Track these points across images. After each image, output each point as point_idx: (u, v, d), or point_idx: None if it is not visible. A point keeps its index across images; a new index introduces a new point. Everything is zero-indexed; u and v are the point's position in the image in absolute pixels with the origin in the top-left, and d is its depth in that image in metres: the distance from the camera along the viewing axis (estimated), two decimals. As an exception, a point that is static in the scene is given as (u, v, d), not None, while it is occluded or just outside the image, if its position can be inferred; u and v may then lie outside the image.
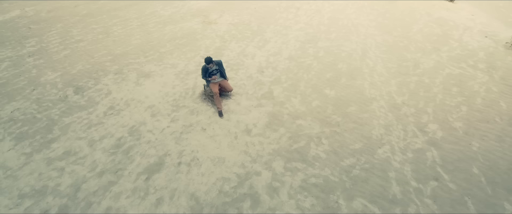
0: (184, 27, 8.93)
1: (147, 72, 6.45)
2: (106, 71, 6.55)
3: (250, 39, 8.05)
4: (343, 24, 9.11)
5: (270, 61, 6.88)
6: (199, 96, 5.59)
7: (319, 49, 7.49)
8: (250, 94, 5.66)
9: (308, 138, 4.64)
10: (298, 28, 8.75)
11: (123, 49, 7.58)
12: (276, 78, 6.20)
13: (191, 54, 7.23)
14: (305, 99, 5.54)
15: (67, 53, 7.47)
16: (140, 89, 5.86)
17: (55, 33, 8.76)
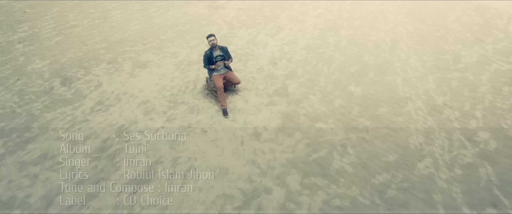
0: (189, 12, 8.16)
1: (144, 62, 5.76)
2: (98, 60, 5.90)
3: (261, 25, 7.22)
4: (368, 10, 8.13)
5: (284, 51, 6.06)
6: (200, 90, 4.86)
7: (341, 38, 6.59)
8: (261, 89, 4.89)
9: (330, 146, 3.86)
10: (316, 14, 7.84)
11: (120, 35, 6.91)
12: (291, 71, 5.39)
13: (194, 42, 6.48)
14: (325, 97, 4.73)
15: (59, 40, 6.87)
16: (134, 82, 5.18)
17: (49, 18, 8.17)
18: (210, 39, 4.32)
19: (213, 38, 4.34)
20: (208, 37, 4.33)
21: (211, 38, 4.32)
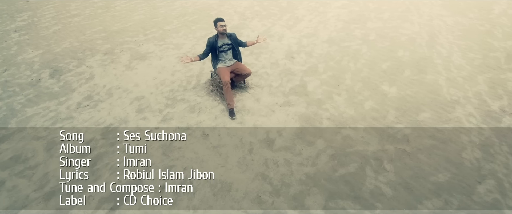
0: (197, 2, 7.56)
1: (143, 53, 5.17)
2: (94, 51, 5.36)
3: (277, 16, 6.52)
4: (397, 1, 7.27)
5: (302, 44, 5.33)
6: (204, 86, 4.21)
7: (369, 30, 5.80)
8: (275, 87, 4.18)
9: (361, 159, 3.10)
10: (339, 5, 7.06)
11: (121, 25, 6.38)
12: (311, 66, 4.66)
13: (201, 33, 5.85)
14: (353, 98, 3.97)
15: (57, 29, 6.41)
16: (130, 75, 4.59)
17: (51, 7, 7.78)
18: (220, 24, 3.63)
19: (224, 23, 3.65)
20: (216, 21, 3.65)
21: (221, 23, 3.63)
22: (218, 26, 3.64)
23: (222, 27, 3.63)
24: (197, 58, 3.70)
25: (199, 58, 3.72)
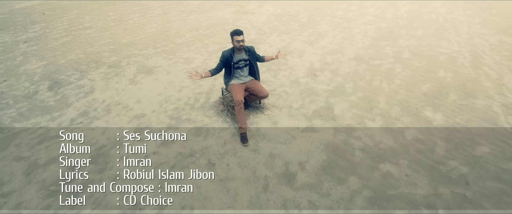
0: (213, 17, 7.29)
1: (150, 67, 4.79)
2: (100, 63, 5.05)
3: (297, 32, 6.09)
4: (430, 18, 6.71)
5: (326, 61, 4.80)
6: (214, 105, 3.71)
7: (401, 48, 5.22)
8: (295, 108, 3.62)
9: (409, 205, 2.43)
10: (365, 22, 6.58)
11: (131, 38, 6.12)
12: (337, 86, 4.09)
13: (214, 47, 5.47)
14: (391, 125, 3.33)
15: (66, 41, 6.23)
16: (134, 90, 4.17)
17: (65, 20, 7.73)
18: (237, 38, 3.12)
19: (241, 37, 3.13)
20: (233, 34, 3.15)
21: (237, 37, 3.12)
22: (234, 40, 3.16)
23: (239, 42, 3.14)
24: (208, 73, 3.23)
25: (211, 73, 3.24)
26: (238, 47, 3.16)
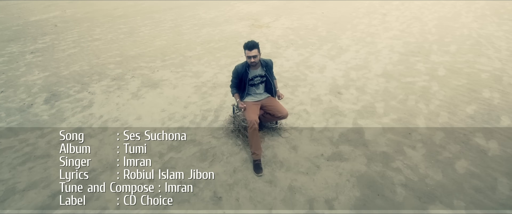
0: (226, 30, 7.01)
1: (156, 81, 4.43)
2: (103, 75, 4.74)
3: (316, 46, 5.67)
4: (462, 34, 6.18)
5: (351, 77, 4.32)
6: (223, 125, 3.25)
7: (435, 65, 4.69)
8: (318, 130, 3.12)
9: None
10: (390, 36, 6.11)
11: (140, 50, 5.86)
12: (365, 105, 3.58)
13: (226, 61, 5.10)
14: (436, 154, 2.77)
15: (73, 52, 6.03)
16: (135, 105, 3.79)
17: (76, 32, 7.64)
18: (250, 53, 2.64)
19: (256, 52, 2.65)
20: (247, 47, 2.66)
21: (252, 52, 2.64)
22: (246, 55, 2.69)
23: (250, 58, 2.66)
24: (238, 96, 2.87)
25: (239, 96, 2.88)
26: (253, 63, 2.70)
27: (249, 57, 2.67)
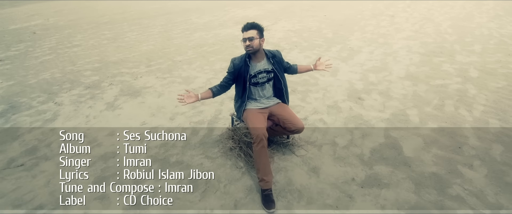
0: (220, 34, 6.42)
1: (138, 88, 3.75)
2: (76, 83, 4.05)
3: (324, 47, 5.08)
4: (482, 33, 5.67)
5: (370, 80, 3.69)
6: (218, 140, 2.56)
7: (463, 65, 4.10)
8: (342, 146, 2.43)
9: None
10: (404, 37, 5.56)
11: (123, 55, 5.20)
12: (396, 113, 2.92)
13: (221, 65, 4.45)
14: (504, 176, 2.10)
15: (47, 59, 5.35)
16: (109, 117, 3.08)
17: (55, 39, 6.98)
18: (246, 34, 2.02)
19: (254, 33, 2.02)
20: (243, 27, 2.06)
21: (248, 33, 2.02)
22: (243, 41, 2.06)
23: (245, 41, 2.03)
24: (207, 93, 2.12)
25: (212, 93, 2.13)
26: (250, 49, 2.05)
27: (244, 40, 2.03)
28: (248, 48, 2.03)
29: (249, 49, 2.03)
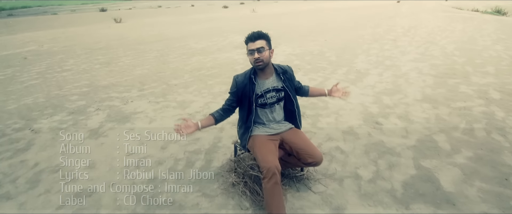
0: (219, 58, 6.20)
1: (127, 114, 3.38)
2: (59, 109, 3.67)
3: (329, 70, 4.82)
4: (491, 55, 5.50)
5: (385, 103, 3.37)
6: (219, 174, 2.15)
7: (482, 87, 3.83)
8: (367, 179, 2.04)
9: None
10: (411, 59, 5.37)
11: (114, 80, 4.88)
12: (422, 139, 2.56)
13: (220, 88, 4.14)
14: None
15: (33, 83, 5.02)
16: (91, 146, 2.67)
17: (45, 64, 6.71)
18: (254, 45, 1.68)
19: (263, 43, 1.68)
20: (249, 38, 1.71)
21: (255, 44, 1.67)
22: (247, 51, 1.74)
23: (253, 54, 1.69)
24: (209, 121, 1.77)
25: (214, 119, 1.79)
26: (259, 64, 1.71)
27: (252, 52, 1.67)
28: (258, 62, 1.69)
29: (258, 63, 1.70)
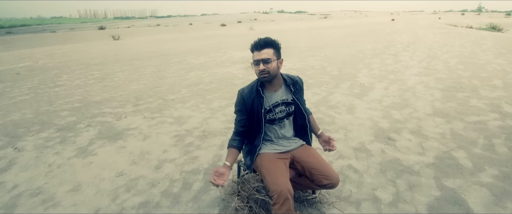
0: (218, 73, 6.05)
1: (120, 130, 3.15)
2: (47, 125, 3.45)
3: (332, 84, 4.67)
4: (495, 69, 5.41)
5: (395, 118, 3.19)
6: (221, 197, 1.91)
7: (493, 100, 3.68)
8: (387, 202, 1.81)
9: None
10: (415, 73, 5.25)
11: (108, 95, 4.69)
12: (440, 156, 2.35)
13: (220, 103, 3.95)
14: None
15: (22, 99, 4.80)
16: (78, 166, 2.43)
17: (38, 79, 6.52)
18: (260, 55, 1.45)
19: (270, 53, 1.46)
20: (255, 46, 1.48)
21: (261, 54, 1.45)
22: (253, 61, 1.52)
23: (259, 65, 1.47)
24: (234, 154, 1.55)
25: (238, 150, 1.58)
26: (263, 77, 1.50)
27: (257, 63, 1.48)
28: (263, 74, 1.48)
29: (264, 75, 1.48)
